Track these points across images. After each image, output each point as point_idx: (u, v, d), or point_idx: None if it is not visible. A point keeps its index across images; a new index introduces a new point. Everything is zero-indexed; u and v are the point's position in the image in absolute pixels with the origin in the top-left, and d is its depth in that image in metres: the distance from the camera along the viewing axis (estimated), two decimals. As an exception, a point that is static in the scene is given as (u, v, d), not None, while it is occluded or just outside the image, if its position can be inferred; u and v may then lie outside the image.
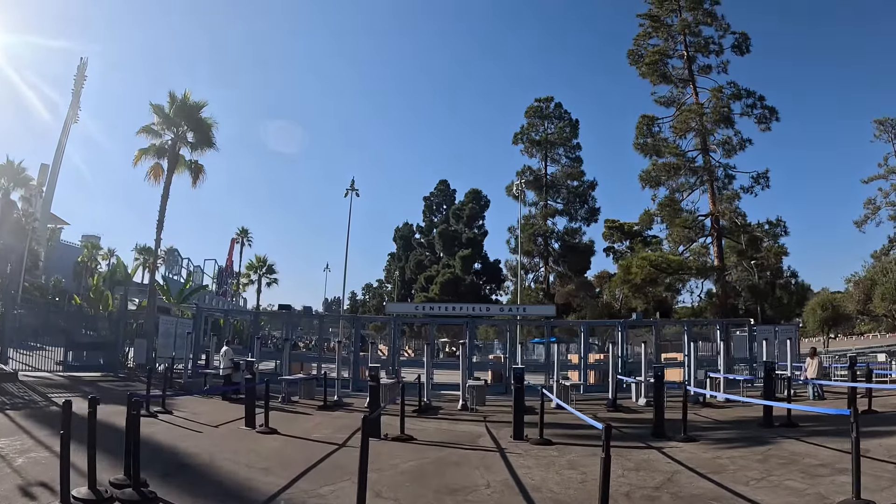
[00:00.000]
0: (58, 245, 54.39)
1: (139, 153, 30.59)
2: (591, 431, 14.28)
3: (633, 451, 11.92)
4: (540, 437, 13.01)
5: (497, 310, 31.03)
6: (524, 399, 14.33)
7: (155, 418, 14.70)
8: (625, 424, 15.96)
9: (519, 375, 14.48)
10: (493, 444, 12.94)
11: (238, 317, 40.27)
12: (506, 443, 13.07)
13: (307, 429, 14.46)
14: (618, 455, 10.31)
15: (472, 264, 70.73)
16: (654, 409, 14.59)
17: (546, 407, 19.82)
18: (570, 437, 13.59)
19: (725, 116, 41.63)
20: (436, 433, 14.27)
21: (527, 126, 63.14)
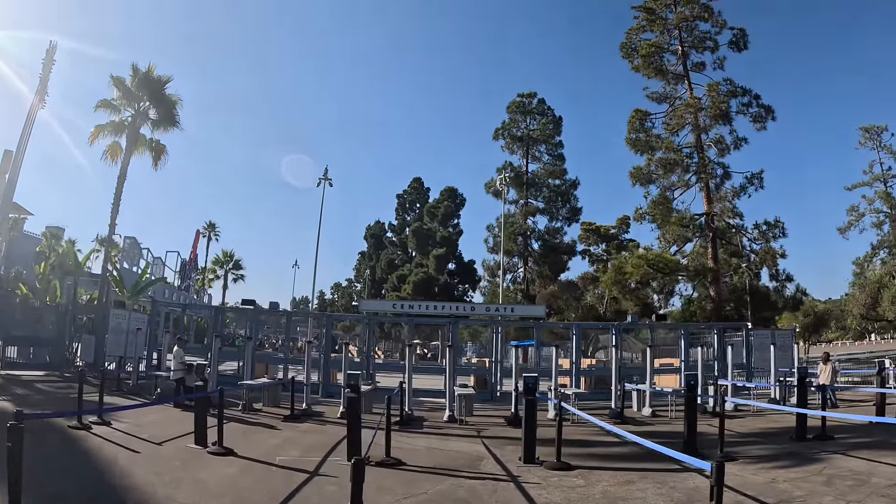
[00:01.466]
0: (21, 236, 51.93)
1: (96, 129, 28.10)
2: (611, 450, 13.23)
3: (674, 477, 10.21)
4: (557, 459, 10.94)
5: (483, 309, 28.80)
6: (536, 414, 12.02)
7: (88, 431, 12.30)
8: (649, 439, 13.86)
9: (532, 385, 12.12)
10: (502, 471, 10.73)
11: (198, 312, 37.54)
12: (516, 467, 10.93)
13: (271, 447, 11.99)
14: (659, 482, 9.70)
15: (446, 264, 68.57)
16: (686, 424, 12.78)
17: (540, 418, 18.04)
18: (589, 457, 11.93)
19: (723, 113, 39.86)
20: (427, 454, 11.95)
21: (508, 122, 61.16)
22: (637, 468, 10.82)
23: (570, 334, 24.51)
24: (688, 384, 13.64)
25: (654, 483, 9.75)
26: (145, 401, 17.80)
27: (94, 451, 10.65)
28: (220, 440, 10.92)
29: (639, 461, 11.52)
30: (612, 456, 12.36)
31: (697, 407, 19.85)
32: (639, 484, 9.71)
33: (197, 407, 11.51)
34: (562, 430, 11.18)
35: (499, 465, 11.15)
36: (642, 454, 11.99)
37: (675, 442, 12.42)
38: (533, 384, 12.12)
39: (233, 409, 16.85)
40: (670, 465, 10.72)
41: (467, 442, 13.78)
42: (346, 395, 11.13)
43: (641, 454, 12.03)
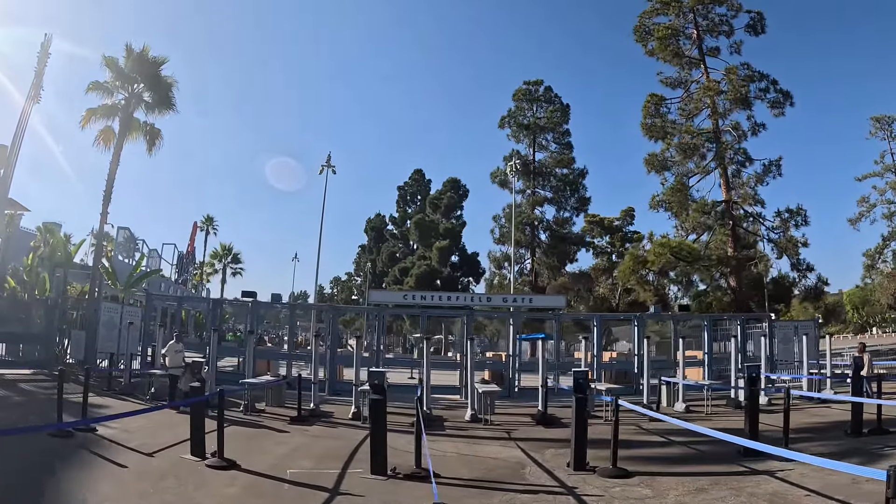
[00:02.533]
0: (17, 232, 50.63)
1: (88, 113, 26.51)
2: (659, 451, 12.06)
3: (744, 481, 9.24)
4: (612, 465, 9.64)
5: (500, 300, 27.14)
6: (587, 415, 10.48)
7: (70, 438, 10.64)
8: (690, 439, 12.71)
9: (582, 381, 10.57)
10: (552, 481, 9.32)
11: (196, 306, 35.90)
12: (566, 476, 9.60)
13: (279, 457, 10.40)
14: (734, 489, 8.76)
15: (449, 256, 67.02)
16: (748, 421, 11.63)
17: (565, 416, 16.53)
18: (640, 460, 10.57)
19: (743, 97, 38.18)
20: (460, 463, 10.43)
21: (514, 110, 59.48)
22: (699, 472, 9.83)
23: (590, 325, 23.26)
24: (749, 376, 12.34)
25: (730, 490, 8.69)
26: (139, 404, 16.28)
27: (71, 464, 9.08)
28: (220, 451, 9.31)
29: (695, 463, 10.80)
30: (664, 458, 11.23)
31: (731, 401, 18.72)
32: (713, 492, 8.61)
33: (193, 413, 9.86)
34: (618, 431, 9.83)
35: (546, 474, 9.76)
36: (695, 455, 11.56)
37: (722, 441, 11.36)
38: (583, 380, 10.57)
39: (233, 410, 15.36)
40: (732, 466, 10.15)
41: (500, 446, 12.29)
42: (370, 397, 9.49)
43: (694, 455, 11.56)
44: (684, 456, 11.54)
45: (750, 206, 38.10)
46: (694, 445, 12.27)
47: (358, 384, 15.97)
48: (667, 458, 11.29)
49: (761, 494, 8.42)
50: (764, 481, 9.11)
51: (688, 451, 11.99)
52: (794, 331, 23.81)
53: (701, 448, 12.03)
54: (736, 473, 9.72)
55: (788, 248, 37.32)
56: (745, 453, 10.70)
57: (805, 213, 37.45)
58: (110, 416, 11.29)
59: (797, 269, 38.00)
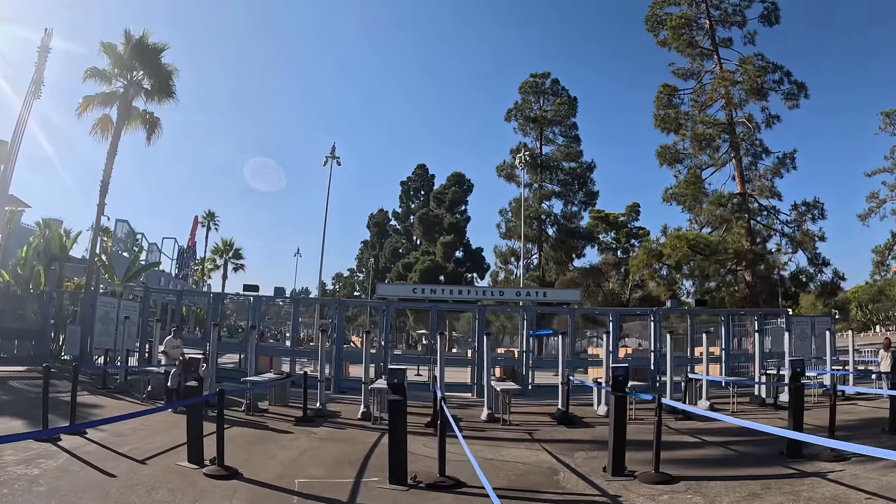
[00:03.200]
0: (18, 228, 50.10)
1: (85, 101, 25.45)
2: (695, 452, 11.16)
3: (797, 484, 8.54)
4: (655, 469, 8.74)
5: (513, 293, 26.14)
6: (626, 415, 9.56)
7: (54, 445, 9.61)
8: (724, 438, 12.16)
9: (622, 378, 9.62)
10: (593, 489, 8.41)
11: (196, 301, 34.93)
12: (605, 482, 8.73)
13: (286, 463, 9.37)
14: (790, 493, 8.00)
15: (454, 251, 65.92)
16: (792, 417, 10.80)
17: (586, 414, 15.59)
18: (678, 463, 9.66)
19: (758, 87, 37.10)
20: (486, 468, 9.37)
21: (521, 102, 58.45)
22: (746, 476, 8.97)
23: (606, 321, 22.38)
24: (794, 371, 11.47)
25: (785, 495, 7.96)
26: (134, 403, 15.41)
27: (53, 474, 8.08)
28: (219, 458, 8.32)
29: (738, 466, 9.87)
30: (703, 461, 10.30)
31: (755, 399, 17.84)
32: (768, 498, 7.86)
33: (190, 416, 8.84)
34: (661, 432, 8.88)
35: (583, 481, 8.81)
36: (735, 457, 10.75)
37: (766, 440, 10.89)
38: (623, 376, 9.59)
39: (234, 410, 14.44)
40: (778, 469, 9.48)
41: (525, 449, 11.30)
42: (389, 398, 8.51)
43: (735, 457, 10.76)
44: (724, 458, 10.70)
45: (766, 198, 37.14)
46: (730, 446, 11.47)
47: (367, 382, 15.05)
48: (706, 460, 10.40)
49: (820, 499, 7.75)
50: (817, 484, 8.48)
51: (726, 452, 11.15)
52: (812, 327, 23.30)
53: (738, 449, 11.28)
54: (785, 476, 8.97)
55: (805, 242, 36.36)
56: (788, 454, 10.14)
57: (822, 206, 36.60)
58: (97, 422, 10.28)
59: (813, 264, 37.08)
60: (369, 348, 15.99)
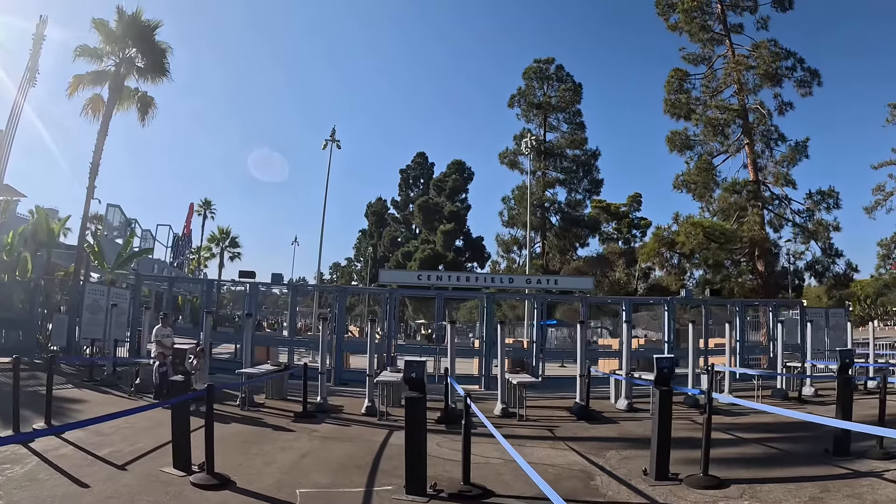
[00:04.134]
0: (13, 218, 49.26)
1: (75, 80, 24.24)
2: (734, 451, 10.10)
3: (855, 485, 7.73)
4: (703, 472, 7.80)
5: (522, 281, 25.01)
6: (671, 413, 8.46)
7: (24, 447, 8.50)
8: (761, 435, 11.39)
9: (667, 370, 8.61)
10: (637, 496, 7.42)
11: (189, 288, 33.79)
12: (648, 486, 7.75)
13: (285, 468, 8.27)
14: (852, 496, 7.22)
15: (454, 240, 65.14)
16: (840, 411, 9.94)
17: (604, 408, 15.09)
18: (725, 463, 8.70)
19: (773, 73, 35.92)
20: (509, 471, 8.43)
21: (524, 88, 57.14)
22: (798, 477, 8.17)
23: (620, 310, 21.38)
24: (842, 362, 10.56)
25: (848, 499, 7.20)
26: (121, 398, 14.38)
27: (16, 483, 6.99)
28: (209, 465, 7.23)
29: (785, 465, 9.01)
30: (747, 460, 9.33)
31: (777, 392, 16.88)
32: (831, 503, 7.08)
33: (175, 416, 7.67)
34: (710, 431, 7.95)
35: (624, 486, 7.81)
36: (779, 455, 9.89)
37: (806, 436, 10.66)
38: (668, 369, 8.53)
39: (229, 405, 13.42)
40: (829, 468, 8.61)
41: (550, 448, 10.23)
42: (406, 394, 7.38)
43: (779, 455, 9.89)
44: (767, 456, 9.79)
45: (780, 187, 36.04)
46: (768, 443, 10.58)
47: (372, 374, 13.97)
48: (749, 459, 9.41)
49: (886, 502, 7.07)
50: (877, 485, 7.73)
51: (768, 450, 10.21)
52: (826, 319, 22.72)
53: (778, 446, 10.38)
54: (839, 477, 8.14)
55: (819, 231, 35.34)
56: (835, 452, 9.29)
57: (837, 195, 35.57)
58: (71, 425, 9.19)
59: (827, 255, 36.05)
60: (374, 338, 14.88)
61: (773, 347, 21.68)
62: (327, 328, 15.59)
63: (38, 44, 22.49)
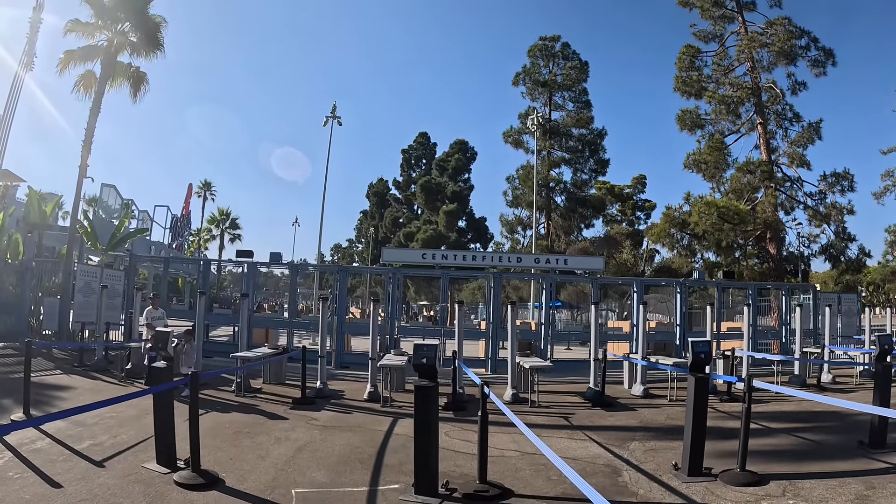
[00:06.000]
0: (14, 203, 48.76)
1: (66, 56, 23.43)
2: (764, 442, 9.22)
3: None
4: (741, 468, 7.14)
5: (531, 260, 24.17)
6: (707, 403, 7.76)
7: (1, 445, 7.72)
8: (788, 425, 10.65)
9: (704, 356, 7.87)
10: (671, 495, 6.71)
11: (185, 269, 33.10)
12: (681, 483, 7.06)
13: (280, 463, 7.51)
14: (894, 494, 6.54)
15: (457, 220, 64.14)
16: (879, 398, 8.97)
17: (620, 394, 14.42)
18: (758, 457, 7.80)
19: (788, 50, 34.82)
20: (526, 465, 7.81)
21: (529, 67, 55.84)
22: (837, 472, 7.45)
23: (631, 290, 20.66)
24: (881, 348, 9.60)
25: None
26: (111, 384, 13.66)
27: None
28: (194, 462, 6.49)
29: (821, 459, 8.20)
30: (780, 453, 8.59)
31: (795, 378, 16.20)
32: (879, 501, 6.43)
33: (157, 407, 6.89)
34: (749, 422, 7.24)
35: (655, 483, 7.11)
36: (812, 448, 9.14)
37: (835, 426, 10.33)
38: (705, 354, 7.78)
39: (223, 391, 12.78)
40: (868, 462, 7.90)
41: (568, 438, 9.49)
42: (417, 383, 6.60)
43: (811, 448, 9.14)
44: (800, 449, 9.04)
45: (794, 168, 35.03)
46: (797, 434, 9.87)
47: (375, 358, 13.25)
48: (782, 452, 8.67)
49: None
50: None
51: (798, 441, 9.49)
52: (838, 304, 22.17)
53: (808, 437, 9.70)
54: (882, 472, 7.48)
55: (832, 214, 34.43)
56: (871, 444, 8.57)
57: (852, 177, 34.49)
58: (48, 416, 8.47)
59: (840, 238, 35.13)
60: (377, 319, 14.12)
61: (786, 332, 21.20)
62: (327, 309, 14.81)
63: (35, 27, 21.68)
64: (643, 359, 14.57)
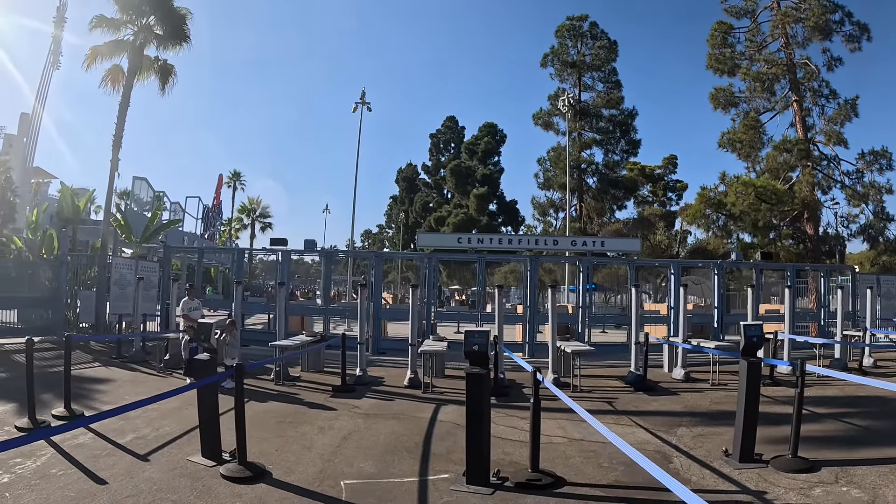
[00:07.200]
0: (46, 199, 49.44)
1: (93, 52, 23.64)
2: (815, 428, 8.74)
3: None
4: (793, 454, 6.92)
5: (567, 242, 23.88)
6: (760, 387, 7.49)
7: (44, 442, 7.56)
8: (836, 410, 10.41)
9: (757, 340, 7.58)
10: (724, 482, 6.56)
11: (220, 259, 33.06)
12: (732, 469, 6.88)
13: (326, 454, 7.34)
14: None
15: (487, 203, 63.88)
16: None
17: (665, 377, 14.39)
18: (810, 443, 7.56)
19: (823, 25, 33.93)
20: (576, 452, 7.66)
21: (557, 47, 54.86)
22: (890, 458, 7.17)
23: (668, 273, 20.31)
24: None
25: None
26: (150, 374, 13.65)
27: (25, 482, 6.11)
28: (240, 454, 6.36)
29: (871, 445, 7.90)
30: (829, 439, 8.28)
31: (836, 362, 15.80)
32: None
33: (201, 401, 6.75)
34: (802, 405, 6.98)
35: (707, 470, 6.94)
36: (859, 433, 8.80)
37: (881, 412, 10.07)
38: (758, 338, 7.50)
39: (263, 379, 12.69)
40: None
41: (614, 424, 9.21)
42: (469, 371, 6.42)
43: (858, 433, 8.80)
44: (848, 434, 8.73)
45: (831, 146, 34.18)
46: (844, 419, 9.62)
47: (415, 343, 13.11)
48: (831, 438, 8.38)
49: None
50: None
51: (846, 426, 9.24)
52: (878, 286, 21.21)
53: (855, 422, 9.38)
54: None
55: (870, 193, 33.62)
56: None
57: (890, 156, 33.55)
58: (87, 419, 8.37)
59: (879, 218, 34.28)
60: (416, 304, 13.96)
61: (824, 314, 20.64)
62: (364, 295, 14.66)
63: (60, 27, 21.78)
64: (684, 342, 14.26)
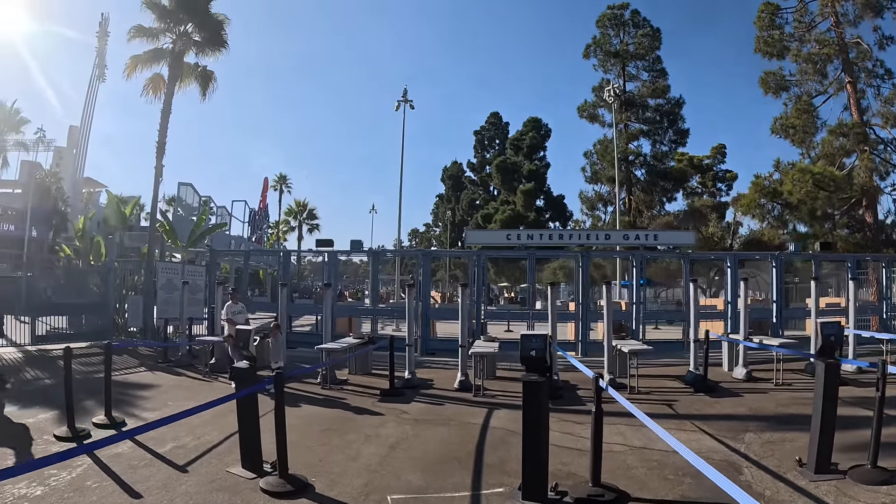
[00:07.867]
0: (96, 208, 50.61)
1: (132, 61, 23.65)
2: None
3: None
4: (872, 464, 6.34)
5: (619, 237, 23.16)
6: (837, 389, 6.80)
7: (80, 449, 7.44)
8: None
9: (833, 341, 6.96)
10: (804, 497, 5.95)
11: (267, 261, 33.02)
12: (808, 482, 6.29)
13: (372, 465, 6.94)
14: None
15: (534, 199, 63.09)
16: None
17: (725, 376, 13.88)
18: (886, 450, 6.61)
19: (873, 3, 32.53)
20: (640, 463, 7.12)
21: (599, 38, 53.88)
22: None
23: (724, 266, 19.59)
24: None
25: None
26: (195, 379, 13.45)
27: (59, 495, 5.85)
28: (281, 467, 5.99)
29: None
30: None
31: None
32: None
33: (241, 411, 6.39)
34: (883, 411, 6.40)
35: (780, 482, 6.37)
36: None
37: None
38: (836, 337, 6.91)
39: (309, 383, 12.41)
40: None
41: (676, 429, 8.49)
42: (525, 378, 5.94)
43: None
44: None
45: (888, 128, 32.77)
46: None
47: (465, 344, 12.69)
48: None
49: None
50: None
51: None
52: None
53: None
54: None
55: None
56: None
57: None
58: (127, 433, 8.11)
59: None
60: (466, 304, 13.53)
61: (887, 307, 19.73)
62: (412, 295, 14.27)
63: (103, 41, 21.79)
64: (745, 339, 13.61)
